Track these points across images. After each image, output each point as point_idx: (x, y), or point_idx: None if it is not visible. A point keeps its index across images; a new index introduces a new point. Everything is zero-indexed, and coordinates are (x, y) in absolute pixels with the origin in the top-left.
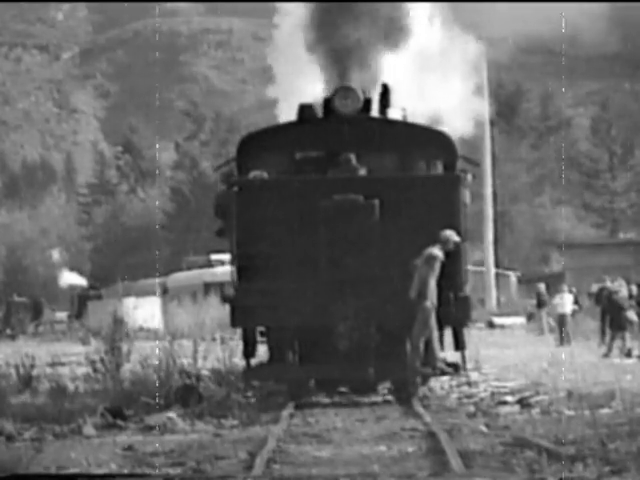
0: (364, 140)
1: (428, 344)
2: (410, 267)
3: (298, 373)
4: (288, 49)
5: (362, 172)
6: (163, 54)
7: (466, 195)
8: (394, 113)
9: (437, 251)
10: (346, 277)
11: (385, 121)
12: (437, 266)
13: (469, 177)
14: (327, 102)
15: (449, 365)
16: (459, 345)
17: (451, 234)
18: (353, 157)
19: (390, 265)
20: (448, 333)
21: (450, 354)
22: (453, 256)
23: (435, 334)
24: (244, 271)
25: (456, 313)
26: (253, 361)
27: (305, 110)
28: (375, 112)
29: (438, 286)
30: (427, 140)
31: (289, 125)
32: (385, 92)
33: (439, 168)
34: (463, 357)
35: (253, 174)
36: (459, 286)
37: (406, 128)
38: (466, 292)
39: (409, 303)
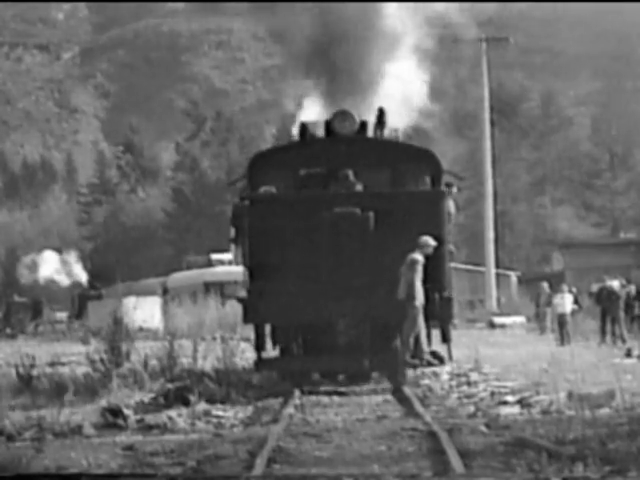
0: (360, 158)
1: (416, 339)
2: (400, 272)
3: (304, 364)
4: None
5: (359, 187)
6: (164, 54)
7: (450, 206)
8: (388, 133)
9: (417, 255)
10: (344, 280)
11: (379, 141)
12: (419, 268)
13: (454, 189)
14: (327, 124)
15: (436, 357)
16: (445, 338)
17: (428, 240)
18: (351, 173)
19: (383, 270)
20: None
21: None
22: (437, 260)
23: (423, 330)
24: (256, 275)
25: (441, 311)
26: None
27: (305, 128)
28: (371, 132)
29: (423, 288)
30: (416, 157)
31: (294, 145)
32: (381, 115)
33: (427, 182)
34: (449, 349)
35: (263, 189)
36: (443, 287)
37: (397, 147)
38: (449, 293)
39: (399, 304)
